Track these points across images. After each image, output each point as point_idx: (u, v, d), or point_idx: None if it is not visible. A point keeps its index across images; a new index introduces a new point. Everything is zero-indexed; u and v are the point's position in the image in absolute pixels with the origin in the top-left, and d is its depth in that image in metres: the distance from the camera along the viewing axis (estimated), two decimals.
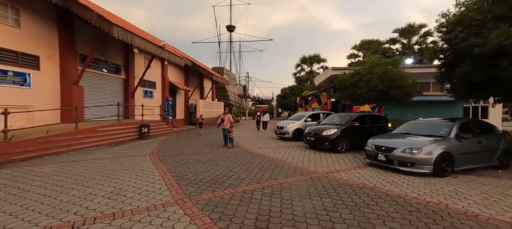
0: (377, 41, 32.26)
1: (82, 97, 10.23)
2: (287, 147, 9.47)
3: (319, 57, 41.60)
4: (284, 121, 13.00)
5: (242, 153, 8.00)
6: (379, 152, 5.93)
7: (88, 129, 8.64)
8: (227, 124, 9.39)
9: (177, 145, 9.56)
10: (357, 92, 12.77)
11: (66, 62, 9.79)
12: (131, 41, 9.67)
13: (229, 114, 9.73)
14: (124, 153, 7.74)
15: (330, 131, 8.57)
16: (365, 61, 14.24)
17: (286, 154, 8.07)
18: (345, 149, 8.48)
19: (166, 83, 17.82)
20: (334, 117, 10.41)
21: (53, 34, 9.48)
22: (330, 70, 19.72)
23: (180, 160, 6.78)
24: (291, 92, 39.91)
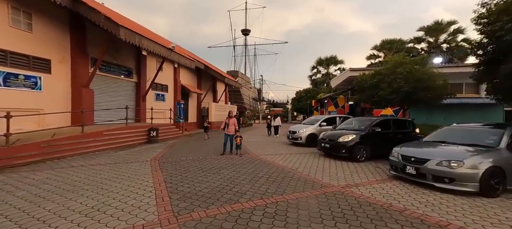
0: (399, 40, 30.29)
1: (92, 100, 10.21)
2: (299, 154, 8.69)
3: (336, 58, 40.08)
4: (296, 125, 12.20)
5: (249, 161, 7.37)
6: (407, 163, 5.02)
7: (94, 133, 8.49)
8: (231, 129, 8.42)
9: (183, 150, 9.15)
10: (379, 94, 11.70)
11: (77, 65, 9.83)
12: (139, 43, 9.49)
13: (234, 117, 8.71)
14: (126, 158, 7.43)
15: (348, 137, 7.69)
16: (387, 61, 13.10)
17: (297, 162, 7.32)
18: (365, 158, 7.55)
19: (178, 87, 17.73)
20: (352, 122, 9.48)
21: (65, 37, 9.56)
22: (348, 71, 18.61)
23: (181, 167, 6.30)
24: (306, 95, 38.70)
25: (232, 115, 8.68)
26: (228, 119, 8.55)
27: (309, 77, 43.08)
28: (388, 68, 11.67)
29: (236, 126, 8.43)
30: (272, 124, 15.48)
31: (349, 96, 21.46)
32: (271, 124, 15.74)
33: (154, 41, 10.40)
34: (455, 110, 15.27)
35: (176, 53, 12.38)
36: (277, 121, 15.34)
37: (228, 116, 8.64)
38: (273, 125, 15.41)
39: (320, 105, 27.18)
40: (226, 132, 8.44)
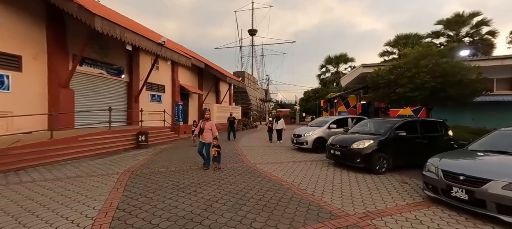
0: (415, 35, 28.12)
1: (72, 101, 9.20)
2: (304, 163, 7.28)
3: (346, 56, 38.09)
4: (302, 128, 10.75)
5: (241, 172, 6.05)
6: (453, 183, 3.55)
7: (67, 139, 7.43)
8: (208, 135, 6.35)
9: (168, 158, 7.93)
10: (397, 92, 10.10)
11: (55, 63, 8.85)
12: (121, 36, 8.40)
13: (211, 120, 6.64)
14: (96, 169, 6.27)
15: (363, 143, 6.22)
16: (406, 53, 11.44)
17: (300, 174, 5.93)
18: (385, 169, 6.07)
19: (177, 87, 16.67)
20: (368, 124, 7.98)
21: (40, 31, 8.60)
22: (360, 67, 16.94)
23: (153, 182, 5.05)
24: (315, 95, 36.97)
25: (209, 117, 6.74)
26: (203, 122, 6.54)
27: (318, 76, 41.29)
28: (409, 61, 10.03)
29: (214, 131, 6.38)
30: (275, 128, 12.47)
31: (361, 95, 19.73)
32: (272, 127, 12.62)
33: (140, 35, 9.30)
34: (486, 109, 13.30)
35: (168, 49, 11.26)
36: (280, 124, 12.34)
37: (204, 118, 6.65)
38: (275, 129, 12.43)
39: (329, 105, 25.49)
40: (200, 139, 6.46)
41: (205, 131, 6.41)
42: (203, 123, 6.56)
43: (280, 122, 12.39)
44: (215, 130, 6.41)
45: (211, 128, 6.42)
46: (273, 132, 12.64)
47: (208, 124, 6.46)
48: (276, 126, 12.36)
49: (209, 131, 6.40)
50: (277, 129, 12.29)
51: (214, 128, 6.43)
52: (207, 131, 6.40)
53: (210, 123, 6.49)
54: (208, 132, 6.40)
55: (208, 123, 6.49)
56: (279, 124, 12.36)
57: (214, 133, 6.38)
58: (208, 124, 6.47)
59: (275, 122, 12.51)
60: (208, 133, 6.39)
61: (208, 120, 6.59)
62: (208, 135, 6.38)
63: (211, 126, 6.44)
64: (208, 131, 6.40)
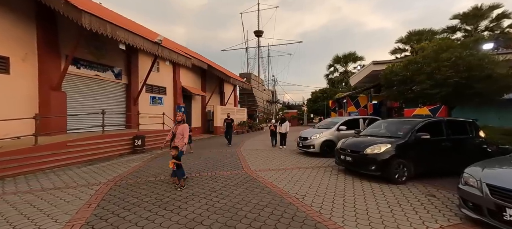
0: (429, 30, 26.67)
1: (63, 105, 8.76)
2: (311, 170, 6.47)
3: (354, 55, 36.77)
4: (308, 130, 9.91)
5: (238, 181, 5.32)
6: (506, 202, 2.70)
7: (53, 145, 6.91)
8: (179, 140, 5.29)
9: (161, 165, 7.29)
10: (414, 89, 9.13)
11: (46, 65, 8.43)
12: (112, 33, 7.88)
13: (184, 123, 5.64)
14: (80, 179, 5.69)
15: (379, 147, 5.37)
16: (423, 47, 10.44)
17: (305, 184, 5.13)
18: (406, 177, 5.19)
19: (178, 88, 16.17)
20: (381, 125, 7.11)
21: (30, 32, 8.20)
22: (371, 65, 15.91)
23: (134, 196, 4.39)
24: (322, 96, 35.82)
25: (181, 119, 5.66)
26: (176, 127, 5.52)
27: (326, 76, 40.11)
28: (427, 55, 9.06)
29: (185, 137, 5.36)
30: (278, 131, 11.12)
31: (372, 94, 18.65)
32: (277, 131, 11.25)
33: (134, 33, 8.76)
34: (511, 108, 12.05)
35: (166, 48, 10.71)
36: (284, 127, 11.05)
37: (177, 122, 5.66)
38: (279, 132, 11.10)
39: (338, 105, 24.43)
40: (174, 145, 5.21)
41: (177, 137, 5.32)
42: (176, 127, 5.49)
43: (284, 125, 11.10)
44: (186, 136, 5.39)
45: (182, 133, 5.33)
46: (277, 136, 11.36)
47: (180, 128, 5.41)
48: (280, 129, 11.08)
49: (180, 136, 5.27)
50: (281, 133, 11.04)
51: (185, 133, 5.39)
52: (178, 137, 5.30)
53: (183, 127, 5.44)
54: (179, 138, 5.30)
55: (180, 127, 5.44)
56: (283, 127, 11.07)
57: (184, 139, 5.30)
58: (180, 128, 5.42)
59: (279, 125, 11.23)
60: (178, 139, 5.31)
61: (181, 123, 5.54)
62: (179, 141, 5.31)
63: (182, 130, 5.40)
64: (179, 137, 5.30)
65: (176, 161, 4.82)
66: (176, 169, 4.84)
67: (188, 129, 5.48)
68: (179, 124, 5.53)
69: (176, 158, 4.85)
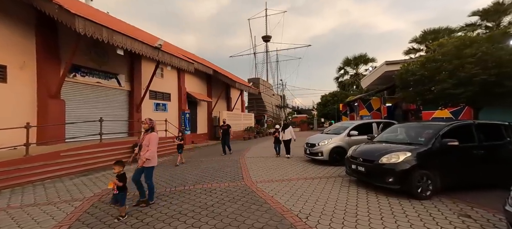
0: (446, 29, 25.27)
1: (62, 113, 8.57)
2: (318, 181, 5.77)
3: (365, 56, 35.54)
4: (316, 136, 9.17)
5: (235, 195, 4.73)
6: None
7: (46, 155, 6.63)
8: (145, 152, 4.22)
9: (157, 175, 6.85)
10: (434, 89, 8.27)
11: (45, 73, 8.30)
12: (109, 38, 7.63)
13: (153, 132, 4.44)
14: (66, 193, 5.31)
15: (397, 156, 4.62)
16: (442, 43, 9.55)
17: (311, 198, 4.47)
18: (431, 192, 4.41)
19: (183, 94, 15.91)
20: (398, 130, 6.32)
21: (29, 39, 8.12)
22: (383, 65, 15.01)
23: (113, 214, 3.91)
24: (333, 99, 34.79)
25: (148, 127, 4.43)
26: (143, 136, 4.44)
27: (336, 79, 39.01)
28: (448, 51, 8.19)
29: (151, 149, 4.22)
30: (282, 138, 9.70)
31: (386, 96, 17.62)
32: (280, 138, 9.80)
33: (133, 37, 8.50)
34: None
35: (167, 53, 10.41)
36: (288, 133, 9.64)
37: (144, 131, 4.49)
38: (283, 140, 9.68)
39: (349, 109, 23.42)
40: (140, 156, 4.39)
41: (143, 149, 4.31)
42: (142, 137, 4.41)
43: (288, 131, 9.68)
44: (153, 147, 4.24)
45: (148, 144, 4.24)
46: (280, 144, 9.91)
47: (146, 138, 4.29)
48: (283, 136, 9.68)
49: (147, 148, 4.24)
50: (284, 140, 9.63)
51: (152, 143, 4.25)
52: (144, 149, 4.28)
53: (149, 136, 4.31)
54: (145, 149, 4.26)
55: (147, 136, 4.31)
56: (286, 133, 9.63)
57: (149, 150, 4.19)
58: (146, 138, 4.30)
59: (282, 131, 9.79)
60: (144, 150, 4.27)
61: (149, 132, 4.38)
62: (145, 152, 4.26)
63: (149, 141, 4.26)
64: (145, 149, 4.25)
65: (117, 182, 3.68)
66: (118, 192, 3.70)
67: (156, 139, 4.36)
68: (146, 133, 4.40)
69: (120, 179, 3.73)
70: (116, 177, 3.76)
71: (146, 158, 4.17)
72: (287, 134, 9.62)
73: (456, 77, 7.49)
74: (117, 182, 3.70)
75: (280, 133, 9.81)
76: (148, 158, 4.19)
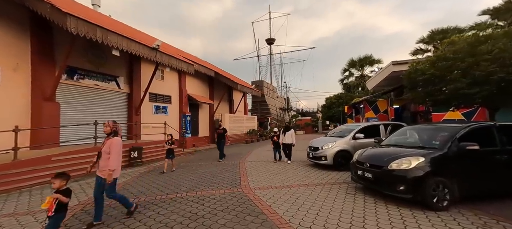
0: (455, 28, 24.48)
1: (57, 116, 8.33)
2: (321, 187, 5.32)
3: (371, 58, 34.83)
4: (320, 139, 8.70)
5: (230, 204, 4.33)
6: None
7: (35, 160, 6.35)
8: (103, 162, 3.57)
9: (149, 182, 6.50)
10: (446, 90, 7.75)
11: (40, 75, 8.09)
12: (103, 38, 7.38)
13: (116, 136, 3.74)
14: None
15: (408, 161, 4.16)
16: (453, 41, 9.03)
17: (313, 209, 4.03)
18: (448, 202, 3.93)
19: (184, 97, 15.64)
20: (408, 132, 5.84)
21: (23, 41, 7.93)
22: (390, 66, 14.47)
23: None
24: (338, 101, 34.11)
25: (110, 130, 3.72)
26: (104, 141, 3.71)
27: (341, 81, 38.35)
28: (460, 49, 7.67)
29: (114, 157, 3.54)
30: (282, 141, 9.01)
31: (393, 98, 17.02)
32: (280, 141, 9.12)
33: (129, 38, 8.24)
34: None
35: (165, 54, 10.14)
36: (289, 136, 8.86)
37: (106, 136, 3.75)
38: (283, 143, 9.00)
39: (354, 111, 22.83)
40: (97, 172, 3.66)
41: (103, 156, 3.57)
42: (103, 142, 3.69)
43: (289, 135, 8.89)
44: (114, 155, 3.51)
45: (109, 151, 3.53)
46: (279, 149, 9.25)
47: (107, 145, 3.58)
48: (283, 139, 8.97)
49: (107, 156, 3.52)
50: (285, 144, 8.94)
51: (113, 150, 3.52)
52: (104, 156, 3.55)
53: (110, 142, 3.57)
54: (106, 160, 3.52)
55: (108, 142, 3.59)
56: (287, 137, 8.89)
57: (110, 159, 3.48)
58: (107, 144, 3.59)
59: (282, 134, 9.04)
60: (106, 161, 3.53)
61: (112, 136, 3.66)
62: (105, 165, 3.52)
63: (109, 147, 3.54)
64: (105, 157, 3.54)
65: (61, 197, 2.91)
66: (54, 214, 2.87)
67: (119, 145, 3.63)
68: (108, 138, 3.66)
69: (63, 193, 2.97)
70: (59, 192, 2.95)
71: (110, 169, 3.45)
72: (288, 137, 8.88)
73: (470, 76, 6.98)
74: (60, 197, 2.88)
75: (281, 136, 9.10)
76: (113, 168, 3.48)
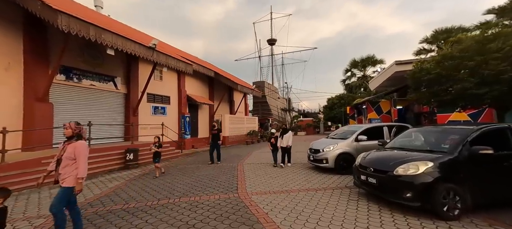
0: (459, 28, 24.05)
1: (50, 117, 8.12)
2: (322, 192, 5.02)
3: (373, 58, 34.39)
4: (321, 141, 8.38)
5: (223, 211, 4.05)
6: None
7: (24, 162, 6.15)
8: (68, 172, 2.99)
9: (141, 187, 6.25)
10: (452, 90, 7.43)
11: (33, 75, 7.89)
12: (98, 37, 7.16)
13: (81, 140, 3.17)
14: (37, 206, 4.78)
15: (416, 166, 3.86)
16: (460, 39, 8.71)
17: (313, 217, 3.75)
18: (459, 210, 3.62)
19: (183, 97, 15.41)
20: (413, 134, 5.53)
21: (16, 40, 7.74)
22: (393, 65, 14.14)
23: None
24: (339, 102, 33.76)
25: (72, 133, 3.16)
26: (64, 145, 3.14)
27: (342, 81, 37.93)
28: (467, 47, 7.35)
29: (80, 164, 3.02)
30: (279, 145, 8.38)
31: (396, 98, 16.68)
32: (277, 144, 8.45)
33: (123, 36, 8.01)
34: None
35: (162, 54, 9.91)
36: (287, 138, 8.24)
37: (66, 139, 3.17)
38: (280, 146, 8.38)
39: (357, 112, 22.47)
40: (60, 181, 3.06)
41: (63, 164, 3.00)
42: (63, 147, 3.10)
43: (287, 137, 8.25)
44: (82, 162, 3.00)
45: (76, 157, 3.00)
46: (278, 151, 8.54)
47: (70, 149, 3.03)
48: (281, 143, 8.34)
49: (71, 163, 3.00)
50: (282, 147, 8.32)
51: (80, 157, 3.00)
52: (66, 163, 2.99)
53: (74, 146, 3.03)
54: (70, 166, 2.99)
55: (70, 146, 3.05)
56: (284, 139, 8.25)
57: (79, 167, 2.98)
58: (69, 149, 3.04)
59: (280, 137, 8.40)
60: (69, 167, 2.99)
61: (74, 140, 3.11)
62: (69, 172, 2.99)
63: (73, 153, 3.00)
64: (68, 164, 2.99)
65: None
66: None
67: (85, 150, 3.10)
68: (68, 142, 3.11)
69: None
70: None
71: (80, 177, 2.98)
72: (285, 139, 8.27)
73: (479, 75, 6.66)
74: None
75: (279, 139, 8.43)
76: (84, 175, 3.02)
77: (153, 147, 7.28)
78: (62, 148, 3.12)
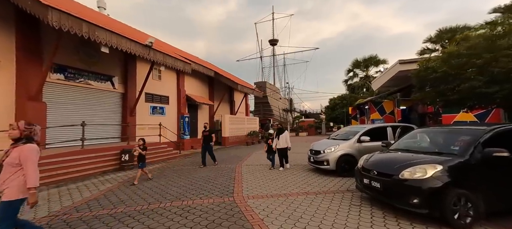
0: (464, 27, 23.61)
1: (43, 117, 7.90)
2: (322, 196, 4.73)
3: (376, 58, 33.97)
4: (322, 142, 8.08)
5: (216, 217, 3.78)
6: None
7: None
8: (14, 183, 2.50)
9: (134, 189, 6.01)
10: (459, 89, 7.11)
11: (26, 73, 7.69)
12: (91, 34, 6.93)
13: (31, 143, 2.67)
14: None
15: (423, 170, 3.57)
16: (467, 36, 8.39)
17: (312, 224, 3.48)
18: (472, 219, 3.32)
19: (182, 97, 15.18)
20: (419, 136, 5.22)
21: (8, 37, 7.55)
22: (397, 64, 13.80)
23: None
24: (342, 102, 33.36)
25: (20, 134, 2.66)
26: (10, 149, 2.62)
27: (345, 81, 37.57)
28: (475, 44, 7.03)
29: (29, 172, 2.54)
30: (276, 147, 7.88)
31: (400, 98, 16.30)
32: (273, 147, 7.94)
33: (118, 34, 7.79)
34: None
35: (159, 52, 9.67)
36: (283, 139, 7.74)
37: (13, 142, 2.66)
38: (276, 148, 7.88)
39: (359, 112, 22.10)
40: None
41: (7, 169, 2.55)
42: (10, 150, 2.62)
43: (283, 138, 7.75)
44: (31, 168, 2.55)
45: (22, 162, 2.56)
46: (274, 155, 8.01)
47: (15, 154, 2.57)
48: (277, 144, 7.81)
49: (15, 170, 2.55)
50: (279, 149, 7.82)
51: (28, 162, 2.56)
52: (8, 171, 2.54)
53: (19, 150, 2.58)
54: (14, 174, 2.54)
55: (15, 150, 2.59)
56: (281, 140, 7.74)
57: (28, 174, 2.53)
58: (14, 153, 2.58)
59: (276, 138, 7.88)
60: (13, 176, 2.54)
61: (22, 143, 2.64)
62: (11, 181, 2.52)
63: (18, 157, 2.55)
64: (11, 171, 2.54)
65: None
66: None
67: (34, 153, 2.63)
68: (15, 145, 2.64)
69: None
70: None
71: (31, 187, 2.52)
72: (282, 141, 7.76)
73: (488, 73, 6.35)
74: None
75: (274, 140, 7.93)
76: (36, 184, 2.57)
77: (137, 149, 6.55)
78: (8, 152, 2.60)
